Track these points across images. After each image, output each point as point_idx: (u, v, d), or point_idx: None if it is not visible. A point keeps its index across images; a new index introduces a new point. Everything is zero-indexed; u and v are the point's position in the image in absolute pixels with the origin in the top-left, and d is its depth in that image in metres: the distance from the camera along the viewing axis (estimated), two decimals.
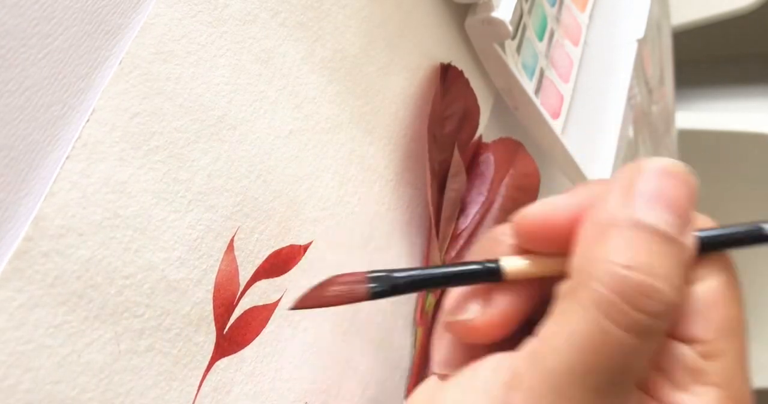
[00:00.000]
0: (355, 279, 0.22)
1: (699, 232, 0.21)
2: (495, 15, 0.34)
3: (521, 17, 0.39)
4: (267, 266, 0.24)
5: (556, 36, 0.44)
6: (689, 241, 0.20)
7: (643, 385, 0.21)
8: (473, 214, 0.34)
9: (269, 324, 0.24)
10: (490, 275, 0.22)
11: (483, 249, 0.24)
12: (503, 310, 0.22)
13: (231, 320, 0.23)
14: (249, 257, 0.24)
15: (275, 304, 0.25)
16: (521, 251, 0.23)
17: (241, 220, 0.23)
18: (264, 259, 0.24)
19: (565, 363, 0.19)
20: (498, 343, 0.23)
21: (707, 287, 0.21)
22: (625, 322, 0.19)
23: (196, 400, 0.21)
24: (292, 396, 0.25)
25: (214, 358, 0.22)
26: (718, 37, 1.21)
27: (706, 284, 0.21)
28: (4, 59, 0.17)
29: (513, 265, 0.22)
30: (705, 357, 0.20)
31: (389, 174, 0.31)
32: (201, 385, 0.21)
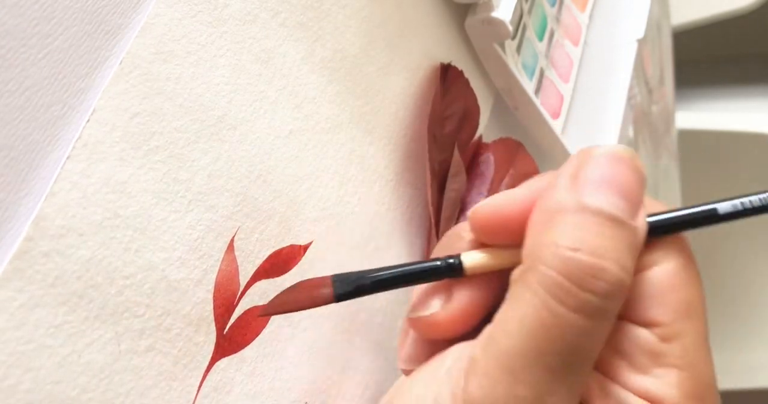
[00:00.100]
0: (321, 283, 0.23)
1: (653, 215, 0.22)
2: (495, 15, 0.34)
3: (521, 17, 0.39)
4: (267, 266, 0.24)
5: (556, 36, 0.44)
6: (640, 224, 0.21)
7: (605, 369, 0.21)
8: None
9: (269, 324, 0.24)
10: (451, 271, 0.23)
11: (445, 246, 0.24)
12: (464, 304, 0.23)
13: (231, 320, 0.23)
14: (249, 258, 0.24)
15: None
16: (480, 246, 0.23)
17: (242, 220, 0.23)
18: (264, 259, 0.24)
19: (518, 346, 0.19)
20: (463, 337, 0.23)
21: (663, 270, 0.21)
22: (574, 303, 0.19)
23: (196, 400, 0.21)
24: (292, 396, 0.25)
25: (214, 358, 0.22)
26: (718, 37, 1.21)
27: (662, 267, 0.21)
28: (4, 59, 0.17)
29: (472, 259, 0.23)
30: (664, 340, 0.21)
31: (389, 174, 0.31)
32: (201, 385, 0.21)
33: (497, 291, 0.22)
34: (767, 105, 1.21)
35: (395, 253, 0.31)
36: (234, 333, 0.23)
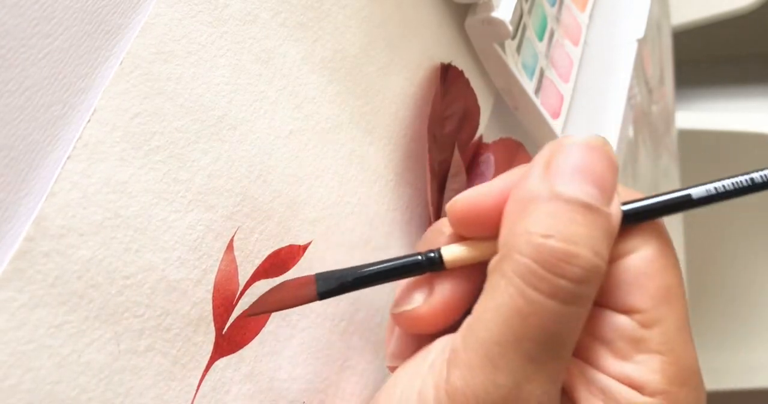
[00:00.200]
0: (305, 281, 0.23)
1: (629, 203, 0.22)
2: (495, 15, 0.34)
3: (521, 17, 0.39)
4: (266, 266, 0.24)
5: (556, 36, 0.44)
6: (614, 210, 0.21)
7: (587, 357, 0.21)
8: None
9: (268, 323, 0.24)
10: (432, 265, 0.23)
11: (427, 241, 0.24)
12: (446, 297, 0.23)
13: (230, 320, 0.23)
14: (249, 257, 0.24)
15: None
16: (460, 239, 0.23)
17: (241, 220, 0.23)
18: (263, 259, 0.24)
19: (496, 334, 0.19)
20: (447, 332, 0.23)
21: (641, 257, 0.21)
22: (548, 289, 0.19)
23: (195, 400, 0.21)
24: (290, 395, 0.25)
25: (213, 358, 0.22)
26: (718, 37, 1.21)
27: (639, 254, 0.21)
28: (4, 59, 0.17)
29: (451, 252, 0.23)
30: (644, 326, 0.21)
31: (389, 174, 0.31)
32: (200, 385, 0.21)
33: (478, 284, 0.22)
34: (767, 105, 1.21)
35: (395, 253, 0.31)
36: (233, 333, 0.23)
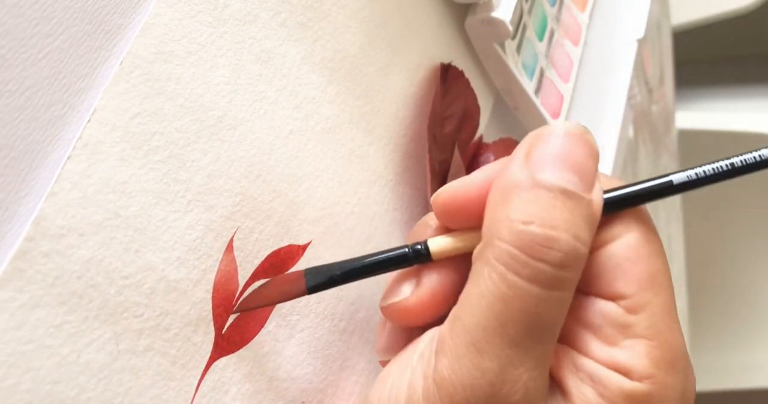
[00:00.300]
0: (295, 276, 0.23)
1: (611, 191, 0.22)
2: (495, 15, 0.34)
3: (521, 17, 0.39)
4: (266, 266, 0.24)
5: (556, 36, 0.44)
6: (595, 196, 0.21)
7: (574, 344, 0.21)
8: None
9: (267, 324, 0.24)
10: (419, 257, 0.23)
11: (415, 234, 0.25)
12: (433, 288, 0.23)
13: (230, 320, 0.23)
14: (248, 257, 0.24)
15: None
16: (446, 231, 0.24)
17: (241, 220, 0.23)
18: (263, 259, 0.24)
19: (480, 320, 0.20)
20: (436, 324, 0.23)
21: (624, 243, 0.21)
22: (529, 273, 0.19)
23: (194, 400, 0.21)
24: (289, 395, 0.25)
25: (212, 358, 0.22)
26: (718, 37, 1.21)
27: (623, 240, 0.22)
28: (4, 59, 0.17)
29: (437, 244, 0.23)
30: (630, 311, 0.21)
31: (389, 174, 0.31)
32: (199, 385, 0.21)
33: (465, 274, 0.23)
34: (767, 105, 1.21)
35: None
36: (232, 333, 0.23)
